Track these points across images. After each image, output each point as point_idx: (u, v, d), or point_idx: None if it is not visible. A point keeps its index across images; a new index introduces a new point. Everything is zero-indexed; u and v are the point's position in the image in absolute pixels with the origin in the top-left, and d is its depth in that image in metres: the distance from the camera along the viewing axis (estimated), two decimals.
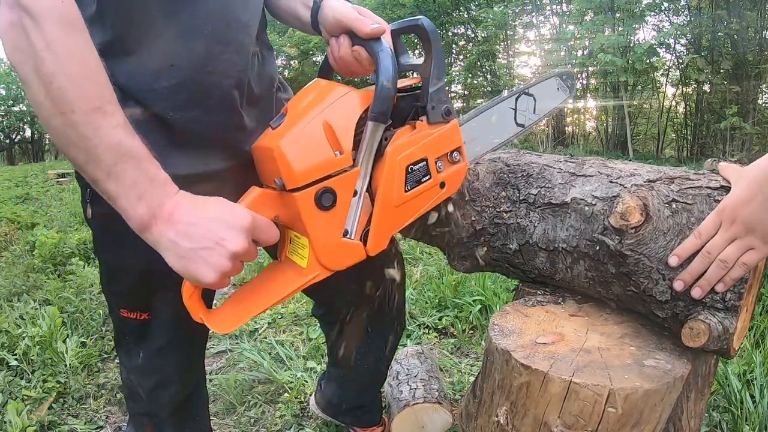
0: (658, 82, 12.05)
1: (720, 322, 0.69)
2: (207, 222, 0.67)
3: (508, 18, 12.97)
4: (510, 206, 0.91)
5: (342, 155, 0.74)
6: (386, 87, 0.74)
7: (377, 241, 0.78)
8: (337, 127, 0.73)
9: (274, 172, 0.73)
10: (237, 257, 0.67)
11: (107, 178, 0.64)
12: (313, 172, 0.72)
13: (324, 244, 0.74)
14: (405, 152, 0.79)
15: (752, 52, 9.49)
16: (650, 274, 0.74)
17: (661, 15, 11.18)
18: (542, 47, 13.22)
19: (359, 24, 0.81)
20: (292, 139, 0.72)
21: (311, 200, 0.72)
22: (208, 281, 0.67)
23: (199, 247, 0.66)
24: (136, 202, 0.65)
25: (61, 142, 0.63)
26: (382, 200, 0.78)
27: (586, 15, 10.77)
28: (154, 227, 0.66)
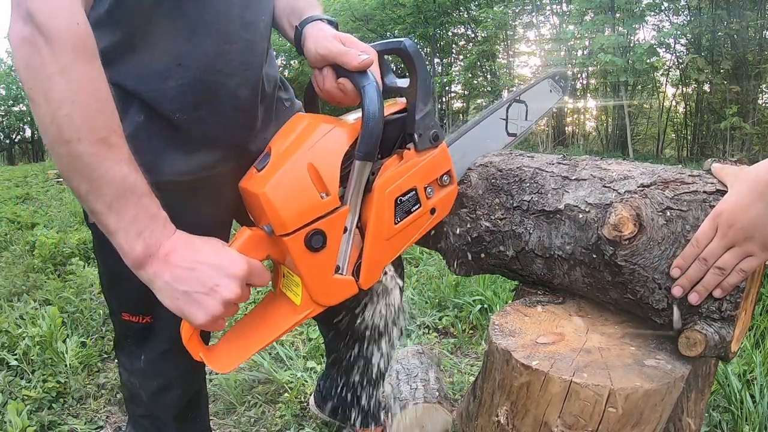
0: (658, 82, 12.05)
1: (716, 332, 0.69)
2: (203, 267, 0.67)
3: (508, 18, 12.96)
4: (504, 213, 0.90)
5: (328, 197, 0.73)
6: (373, 127, 0.72)
7: (369, 275, 0.78)
8: (322, 168, 0.72)
9: (263, 219, 0.74)
10: (229, 303, 0.68)
11: (108, 211, 0.64)
12: (301, 217, 0.72)
13: (317, 283, 0.75)
14: (393, 185, 0.78)
15: (752, 52, 9.49)
16: (646, 284, 0.74)
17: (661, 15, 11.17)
18: (542, 47, 13.22)
19: (345, 58, 0.78)
20: (277, 185, 0.71)
21: (301, 243, 0.72)
22: (200, 323, 0.68)
23: (193, 291, 0.67)
24: (135, 239, 0.65)
25: (64, 170, 0.63)
26: (373, 234, 0.77)
27: (586, 15, 10.77)
28: (149, 266, 0.67)
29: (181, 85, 0.78)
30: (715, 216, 0.67)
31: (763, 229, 0.64)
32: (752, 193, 0.64)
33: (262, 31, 0.88)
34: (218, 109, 0.83)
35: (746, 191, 0.65)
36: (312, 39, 0.84)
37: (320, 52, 0.82)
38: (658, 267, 0.72)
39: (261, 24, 0.88)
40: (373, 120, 0.72)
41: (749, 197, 0.64)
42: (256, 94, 0.90)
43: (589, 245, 0.79)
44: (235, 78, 0.84)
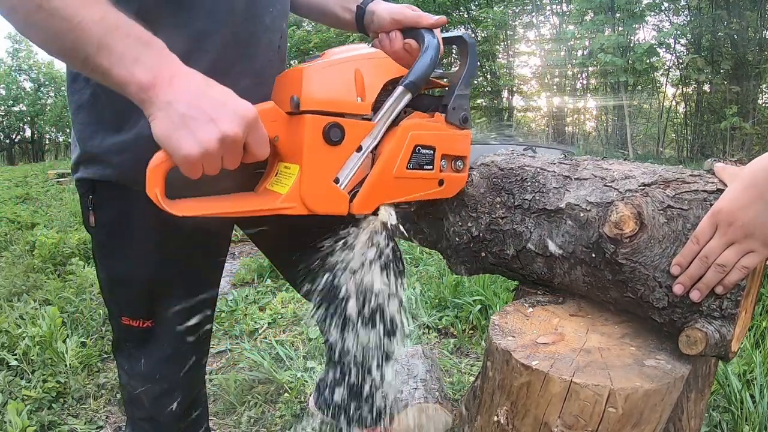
0: (658, 82, 12.06)
1: (717, 330, 0.69)
2: (209, 97, 0.63)
3: (508, 18, 12.97)
4: (505, 212, 0.90)
5: (363, 102, 0.75)
6: (425, 64, 0.78)
7: (363, 203, 0.77)
8: (367, 78, 0.75)
9: (295, 90, 0.72)
10: (224, 142, 0.62)
11: (98, 52, 0.60)
12: (332, 103, 0.72)
13: (313, 178, 0.72)
14: (418, 131, 0.80)
15: (752, 52, 9.49)
16: (647, 282, 0.74)
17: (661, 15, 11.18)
18: (542, 47, 13.23)
19: (422, 19, 0.87)
20: (321, 69, 0.73)
21: (319, 128, 0.71)
22: (185, 153, 0.61)
23: (192, 115, 0.61)
24: (132, 66, 0.60)
25: (46, 36, 0.60)
26: (383, 166, 0.77)
27: (586, 15, 10.78)
28: (153, 90, 0.61)
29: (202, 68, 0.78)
30: (714, 213, 0.67)
31: (763, 226, 0.63)
32: (751, 189, 0.64)
33: (268, 24, 0.88)
34: None
35: (745, 188, 0.65)
36: (384, 8, 0.93)
37: (396, 17, 0.90)
38: (659, 265, 0.72)
39: (267, 17, 0.88)
40: (428, 59, 0.78)
41: (748, 194, 0.64)
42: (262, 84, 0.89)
43: (590, 244, 0.79)
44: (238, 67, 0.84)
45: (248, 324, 2.37)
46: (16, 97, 24.82)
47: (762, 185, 0.63)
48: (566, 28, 11.75)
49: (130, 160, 0.79)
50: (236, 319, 2.47)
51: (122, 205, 0.81)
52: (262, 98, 0.91)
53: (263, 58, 0.89)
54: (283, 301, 2.63)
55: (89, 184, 0.85)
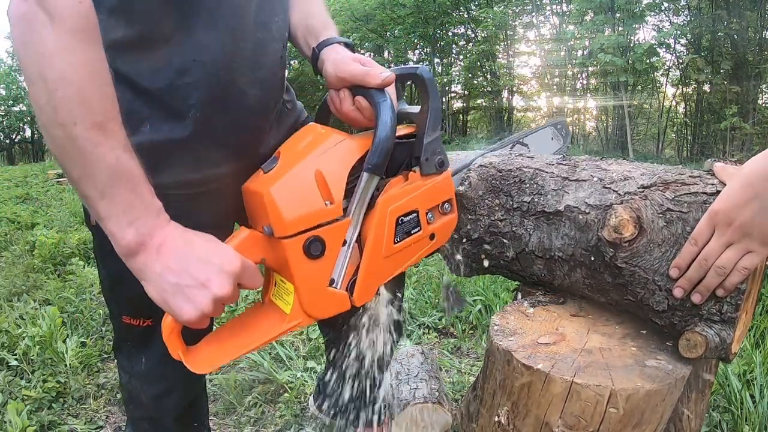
0: (658, 82, 12.06)
1: (717, 333, 0.69)
2: (196, 261, 0.65)
3: (508, 18, 12.97)
4: (504, 214, 0.90)
5: (332, 205, 0.73)
6: (385, 140, 0.73)
7: (364, 292, 0.77)
8: (330, 176, 0.73)
9: (263, 219, 0.73)
10: (218, 302, 0.66)
11: (100, 197, 0.62)
12: (303, 222, 0.71)
13: (309, 293, 0.73)
14: (396, 204, 0.78)
15: (752, 52, 9.49)
16: (646, 285, 0.73)
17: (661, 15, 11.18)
18: (542, 47, 13.23)
19: (367, 78, 0.80)
20: (282, 186, 0.71)
21: (299, 248, 0.71)
22: (186, 319, 0.65)
23: (184, 284, 0.64)
24: (126, 227, 0.63)
25: (58, 153, 0.61)
26: (371, 251, 0.76)
27: (586, 15, 10.78)
28: (140, 256, 0.64)
29: (197, 80, 0.78)
30: (712, 215, 0.67)
31: (761, 225, 0.63)
32: (747, 189, 0.63)
33: (274, 33, 0.88)
34: (230, 107, 0.83)
35: (741, 188, 0.64)
36: (331, 62, 0.86)
37: (340, 75, 0.83)
38: (659, 269, 0.72)
39: (273, 26, 0.87)
40: (386, 134, 0.73)
41: (744, 194, 0.64)
42: (266, 95, 0.89)
43: (590, 247, 0.78)
44: (246, 77, 0.83)
45: None
46: (16, 97, 24.79)
47: (758, 184, 0.62)
48: (566, 28, 11.75)
49: None
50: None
51: None
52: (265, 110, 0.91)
53: (269, 67, 0.88)
54: None
55: None
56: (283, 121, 1.03)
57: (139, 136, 0.77)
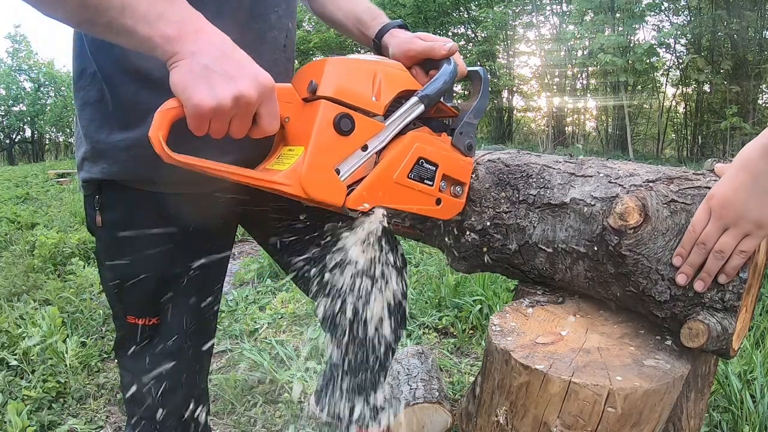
0: (658, 82, 12.06)
1: (719, 322, 0.69)
2: (232, 57, 0.64)
3: (508, 18, 12.97)
4: (509, 207, 0.91)
5: (377, 102, 0.77)
6: (441, 81, 0.82)
7: (360, 198, 0.77)
8: (384, 82, 0.78)
9: (315, 76, 0.74)
10: (239, 102, 0.62)
11: (121, 13, 0.60)
12: (347, 94, 0.74)
13: (316, 163, 0.72)
14: (424, 144, 0.82)
15: (752, 52, 9.50)
16: (649, 275, 0.74)
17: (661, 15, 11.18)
18: (542, 47, 13.23)
19: (433, 51, 0.87)
20: (345, 64, 0.76)
21: (332, 115, 0.72)
22: (198, 102, 0.61)
23: (213, 69, 0.61)
24: (157, 22, 0.60)
25: (69, 6, 0.60)
26: (385, 168, 0.78)
27: (586, 15, 10.78)
28: (178, 42, 0.61)
29: None
30: (708, 200, 0.68)
31: (756, 206, 0.64)
32: (741, 172, 0.65)
33: (273, 22, 0.88)
34: None
35: (735, 172, 0.66)
36: (395, 45, 0.92)
37: (408, 54, 0.90)
38: (662, 258, 0.73)
39: (272, 15, 0.88)
40: (444, 77, 0.82)
41: (738, 177, 0.65)
42: None
43: (593, 237, 0.79)
44: None
45: (248, 324, 2.37)
46: (16, 97, 24.80)
47: (752, 167, 0.64)
48: (566, 28, 11.74)
49: (136, 158, 0.79)
50: (236, 319, 2.47)
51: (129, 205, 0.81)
52: None
53: (269, 56, 0.89)
54: (283, 301, 2.63)
55: (95, 184, 0.85)
56: None
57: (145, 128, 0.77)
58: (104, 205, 0.85)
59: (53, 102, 25.19)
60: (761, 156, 0.63)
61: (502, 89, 14.55)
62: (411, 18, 14.10)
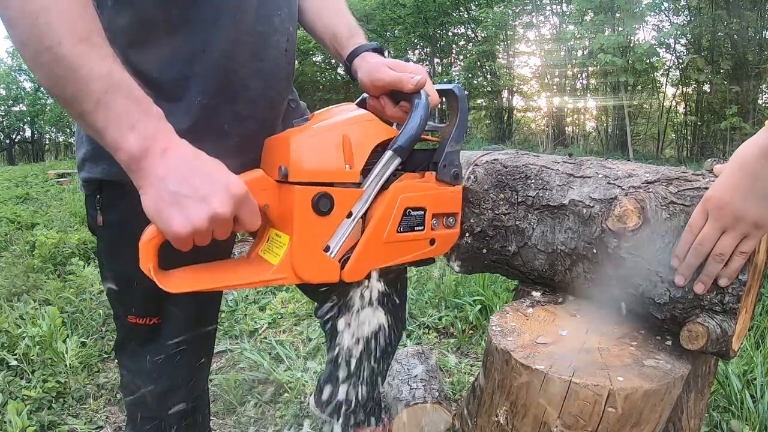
0: (658, 82, 12.05)
1: (718, 324, 0.69)
2: (200, 175, 0.63)
3: (508, 18, 12.96)
4: (508, 208, 0.91)
5: (351, 170, 0.74)
6: (413, 128, 0.77)
7: (355, 270, 0.77)
8: (356, 144, 0.75)
9: (283, 160, 0.72)
10: (215, 221, 0.63)
11: (95, 108, 0.60)
12: (320, 174, 0.72)
13: (303, 249, 0.72)
14: (408, 193, 0.79)
15: (752, 52, 9.49)
16: (648, 277, 0.74)
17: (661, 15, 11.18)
18: (542, 47, 13.22)
19: (401, 84, 0.83)
20: (309, 137, 0.73)
21: (309, 199, 0.71)
22: (175, 230, 0.62)
23: (183, 194, 0.61)
24: (127, 131, 0.61)
25: (49, 78, 0.61)
26: (373, 231, 0.77)
27: (586, 15, 10.77)
28: (144, 161, 0.62)
29: (206, 70, 0.80)
30: (705, 201, 0.68)
31: (753, 207, 0.64)
32: (737, 173, 0.65)
33: (277, 26, 0.89)
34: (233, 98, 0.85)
35: (732, 172, 0.66)
36: (364, 71, 0.89)
37: (376, 84, 0.87)
38: (661, 260, 0.73)
39: (276, 18, 0.89)
40: (416, 122, 0.77)
41: (735, 178, 0.65)
42: (269, 86, 0.90)
43: (593, 239, 0.79)
44: (247, 68, 0.85)
45: (248, 324, 2.37)
46: (16, 97, 24.79)
47: (749, 167, 0.63)
48: (566, 28, 11.74)
49: None
50: (236, 319, 2.47)
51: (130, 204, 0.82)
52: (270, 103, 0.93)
53: (271, 60, 0.89)
54: (283, 301, 2.63)
55: (96, 184, 0.85)
56: (287, 119, 1.03)
57: None
58: (105, 205, 0.86)
59: (53, 102, 25.13)
60: (758, 156, 0.62)
61: (502, 89, 14.54)
62: (411, 18, 14.09)
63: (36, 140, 26.95)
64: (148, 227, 0.65)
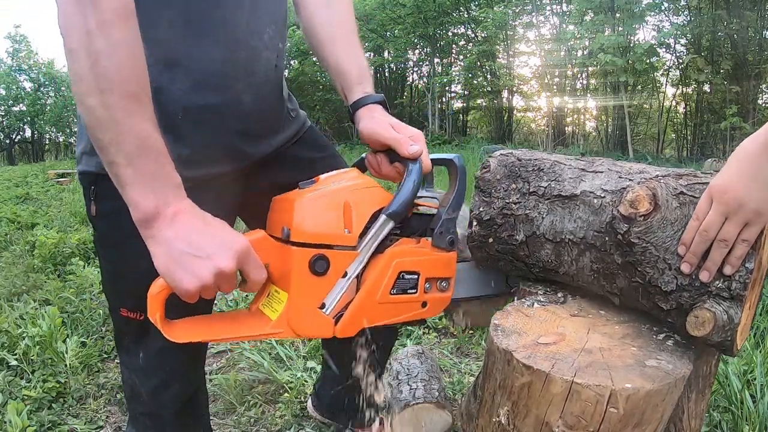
0: (658, 82, 12.06)
1: (725, 311, 0.70)
2: (205, 235, 0.69)
3: (508, 18, 12.96)
4: (519, 198, 0.92)
5: (350, 234, 0.79)
6: (406, 193, 0.81)
7: (348, 326, 0.81)
8: (355, 210, 0.79)
9: (286, 221, 0.78)
10: (220, 276, 0.68)
11: (127, 164, 0.66)
12: (319, 236, 0.77)
13: (300, 306, 0.77)
14: (403, 258, 0.83)
15: (752, 52, 9.50)
16: (656, 264, 0.75)
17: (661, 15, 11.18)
18: (542, 47, 13.22)
19: (399, 146, 0.85)
20: (313, 201, 0.78)
21: (306, 260, 0.76)
22: (185, 287, 0.67)
23: (190, 253, 0.67)
24: (148, 193, 0.67)
25: (93, 120, 0.65)
26: (368, 291, 0.81)
27: (586, 15, 10.78)
28: (155, 223, 0.68)
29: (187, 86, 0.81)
30: (710, 189, 0.70)
31: (755, 193, 0.66)
32: (742, 162, 0.67)
33: (267, 42, 0.90)
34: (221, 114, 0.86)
35: (735, 162, 0.68)
36: (364, 126, 0.91)
37: (375, 138, 0.89)
38: (669, 247, 0.74)
39: (265, 35, 0.90)
40: (409, 188, 0.81)
41: (738, 166, 0.68)
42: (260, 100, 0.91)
43: (602, 228, 0.81)
44: (240, 84, 0.86)
45: None
46: (16, 97, 24.78)
47: (753, 158, 0.66)
48: (566, 28, 11.75)
49: None
50: None
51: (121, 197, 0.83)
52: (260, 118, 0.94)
53: (262, 75, 0.91)
54: None
55: (92, 176, 0.87)
56: (286, 128, 1.04)
57: None
58: (99, 196, 0.88)
59: (53, 102, 25.17)
60: (762, 149, 0.65)
61: (502, 89, 14.55)
62: (411, 18, 14.10)
63: (36, 140, 26.95)
64: (157, 280, 0.71)
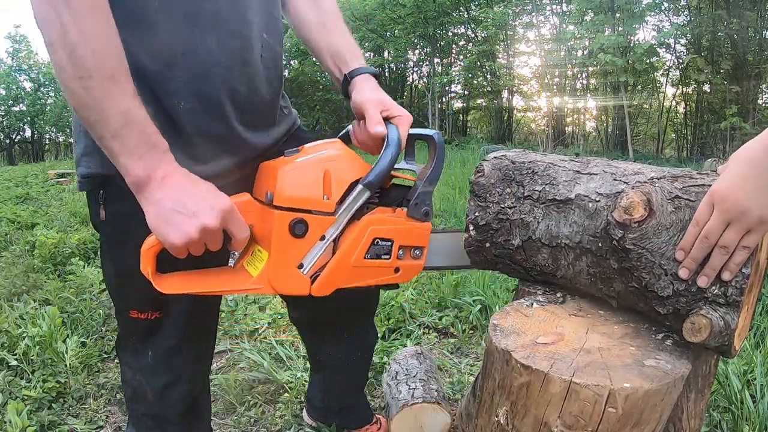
0: (658, 82, 12.06)
1: (722, 317, 0.69)
2: (192, 195, 0.75)
3: (508, 18, 12.96)
4: (514, 202, 0.92)
5: (328, 201, 0.85)
6: (383, 166, 0.86)
7: (323, 286, 0.87)
8: (335, 178, 0.85)
9: (270, 186, 0.83)
10: (205, 233, 0.74)
11: (113, 138, 0.71)
12: (299, 201, 0.83)
13: (279, 264, 0.84)
14: (378, 226, 0.89)
15: (752, 52, 9.50)
16: (652, 269, 0.74)
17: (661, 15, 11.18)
18: (542, 47, 13.22)
19: (369, 123, 0.91)
20: (296, 168, 0.84)
21: (286, 223, 0.82)
22: (171, 242, 0.74)
23: (177, 211, 0.73)
24: (137, 161, 0.72)
25: (77, 102, 0.71)
26: (343, 254, 0.87)
27: (586, 15, 10.78)
28: (147, 186, 0.74)
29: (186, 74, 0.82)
30: (711, 194, 0.69)
31: (757, 200, 0.65)
32: (742, 167, 0.66)
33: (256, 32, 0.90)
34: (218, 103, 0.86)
35: (737, 167, 0.67)
36: (356, 94, 0.96)
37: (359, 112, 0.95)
38: (665, 252, 0.73)
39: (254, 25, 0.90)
40: (385, 162, 0.86)
41: (740, 171, 0.66)
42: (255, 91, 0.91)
43: (598, 232, 0.80)
44: (235, 72, 0.87)
45: (248, 324, 2.37)
46: (16, 97, 24.78)
47: (756, 163, 0.65)
48: (566, 28, 11.75)
49: None
50: (236, 319, 2.47)
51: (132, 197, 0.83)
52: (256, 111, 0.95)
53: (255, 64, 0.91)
54: (283, 301, 2.63)
55: (98, 179, 0.87)
56: (281, 122, 1.04)
57: None
58: (108, 199, 0.88)
59: (53, 102, 25.16)
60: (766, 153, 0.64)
61: (502, 89, 14.55)
62: (411, 18, 14.10)
63: (36, 140, 26.96)
64: (149, 237, 0.77)
